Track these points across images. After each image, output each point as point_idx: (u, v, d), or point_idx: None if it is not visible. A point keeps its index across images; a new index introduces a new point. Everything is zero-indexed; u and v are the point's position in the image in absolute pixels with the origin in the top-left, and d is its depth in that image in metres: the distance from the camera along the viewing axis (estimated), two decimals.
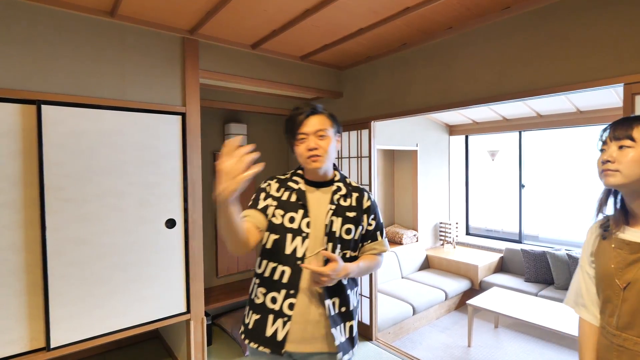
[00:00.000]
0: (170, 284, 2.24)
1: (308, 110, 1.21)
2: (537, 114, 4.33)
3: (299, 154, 1.21)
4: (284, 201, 1.23)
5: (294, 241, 1.18)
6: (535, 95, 2.00)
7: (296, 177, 1.29)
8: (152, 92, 2.19)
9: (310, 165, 1.20)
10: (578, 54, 1.84)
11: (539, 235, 4.80)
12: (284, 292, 1.16)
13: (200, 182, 2.35)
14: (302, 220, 1.19)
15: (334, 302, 1.19)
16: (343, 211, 1.22)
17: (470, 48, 2.27)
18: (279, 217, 1.21)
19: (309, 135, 1.19)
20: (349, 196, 1.26)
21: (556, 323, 2.89)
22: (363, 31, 2.33)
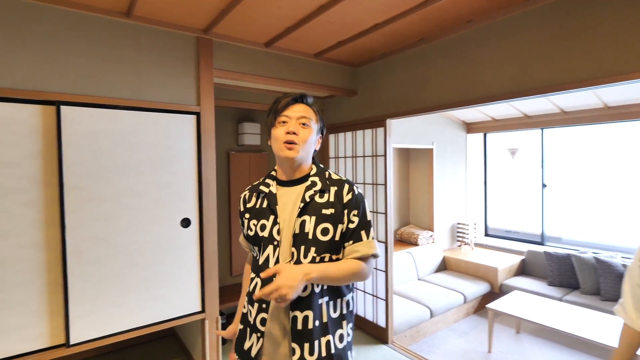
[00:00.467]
0: (185, 283, 2.25)
1: (297, 95, 1.14)
2: (561, 110, 4.17)
3: (275, 137, 1.11)
4: (256, 209, 1.15)
5: (266, 250, 1.09)
6: (561, 91, 1.91)
7: (268, 179, 1.19)
8: (167, 92, 2.21)
9: (283, 153, 1.08)
10: (607, 46, 1.74)
11: (562, 237, 4.62)
12: (257, 306, 1.08)
13: (214, 181, 2.35)
14: (273, 227, 1.09)
15: (306, 316, 1.03)
16: (318, 209, 1.07)
17: (492, 42, 2.19)
18: (252, 227, 1.14)
19: (291, 119, 1.10)
20: (327, 191, 1.10)
21: (583, 330, 2.75)
22: (379, 27, 2.28)
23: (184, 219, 2.25)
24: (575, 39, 1.84)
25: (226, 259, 3.46)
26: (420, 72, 2.63)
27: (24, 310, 1.79)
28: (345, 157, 3.42)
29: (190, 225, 2.27)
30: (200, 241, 2.31)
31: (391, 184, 2.98)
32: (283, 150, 1.08)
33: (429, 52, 2.57)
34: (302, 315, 1.02)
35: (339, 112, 3.45)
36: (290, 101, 1.11)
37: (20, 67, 1.78)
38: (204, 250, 2.31)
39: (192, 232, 2.28)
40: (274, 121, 1.12)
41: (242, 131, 3.50)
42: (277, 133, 1.10)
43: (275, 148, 1.11)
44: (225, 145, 3.49)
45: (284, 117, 1.10)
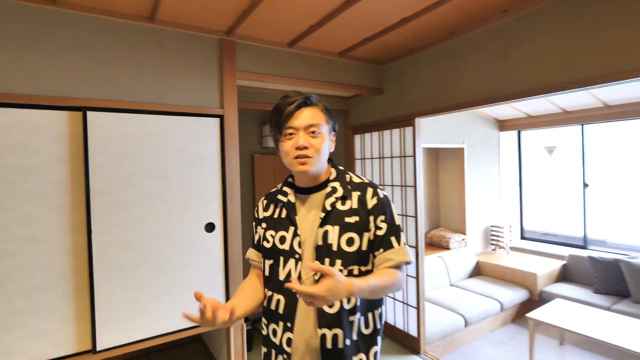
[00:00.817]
0: (209, 288, 2.21)
1: (300, 100, 0.99)
2: (604, 104, 3.87)
3: (285, 152, 1.01)
4: (274, 219, 1.07)
5: (287, 264, 1.01)
6: (613, 81, 1.72)
7: (286, 187, 1.10)
8: (190, 95, 2.18)
9: (296, 168, 1.00)
10: None
11: (606, 240, 4.29)
12: (281, 325, 1.00)
13: (238, 184, 2.31)
14: (294, 239, 1.01)
15: (335, 334, 0.95)
16: (341, 217, 0.99)
17: (530, 31, 2.02)
18: (270, 239, 1.06)
19: (299, 130, 0.98)
20: (349, 197, 1.02)
21: (634, 343, 2.50)
22: (406, 21, 2.17)
23: (208, 223, 2.21)
24: (629, 24, 1.66)
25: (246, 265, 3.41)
26: (451, 68, 2.49)
27: (51, 316, 1.80)
28: (372, 158, 3.31)
29: (214, 229, 2.23)
30: (225, 246, 2.27)
31: (421, 186, 2.84)
32: (295, 166, 0.99)
33: (460, 46, 2.42)
34: (330, 333, 0.95)
35: (365, 112, 3.34)
36: (294, 109, 0.99)
37: (48, 74, 1.80)
38: (228, 255, 2.27)
39: (216, 237, 2.24)
40: (279, 135, 1.02)
41: (266, 133, 3.47)
42: (286, 148, 1.00)
43: (286, 163, 1.02)
44: (249, 148, 3.46)
45: (290, 129, 0.99)
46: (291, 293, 0.98)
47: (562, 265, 4.14)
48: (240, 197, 2.35)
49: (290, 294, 0.98)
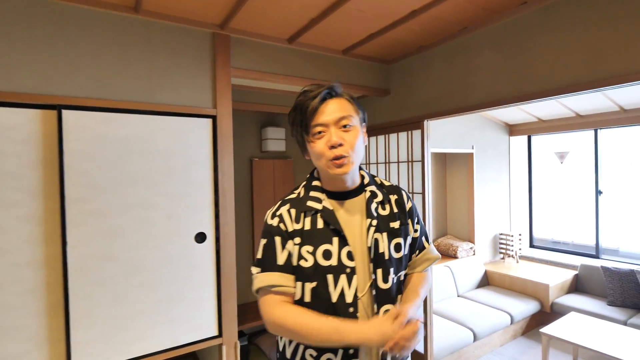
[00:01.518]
0: (199, 304, 2.03)
1: (323, 91, 0.87)
2: (620, 107, 3.68)
3: (317, 154, 0.88)
4: (309, 232, 0.89)
5: (338, 283, 0.86)
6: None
7: (314, 191, 0.94)
8: (180, 94, 2.01)
9: (334, 171, 0.87)
10: None
11: (619, 248, 4.10)
12: (341, 353, 0.86)
13: (232, 191, 2.13)
14: (342, 252, 0.87)
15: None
16: (386, 223, 0.93)
17: (552, 25, 1.84)
18: (308, 256, 0.87)
19: (329, 126, 0.86)
20: (387, 201, 0.96)
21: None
22: (416, 14, 1.99)
23: (198, 233, 2.03)
24: None
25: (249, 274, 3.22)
26: (464, 67, 2.31)
27: (20, 336, 1.62)
28: (378, 163, 3.12)
29: (205, 240, 2.05)
30: (217, 258, 2.09)
31: (429, 193, 2.65)
32: (332, 169, 0.87)
33: (473, 43, 2.24)
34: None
35: (370, 114, 3.16)
36: (319, 102, 0.86)
37: (19, 68, 1.62)
38: (221, 267, 2.08)
39: (207, 248, 2.06)
40: (306, 135, 0.89)
41: (266, 136, 3.29)
42: (318, 149, 0.87)
43: (320, 165, 0.90)
44: (247, 152, 3.29)
45: (319, 127, 0.87)
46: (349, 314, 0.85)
47: (574, 276, 3.95)
48: (235, 204, 2.16)
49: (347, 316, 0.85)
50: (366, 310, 0.88)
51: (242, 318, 2.83)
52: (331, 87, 0.90)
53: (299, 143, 0.94)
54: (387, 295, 0.89)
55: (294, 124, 0.92)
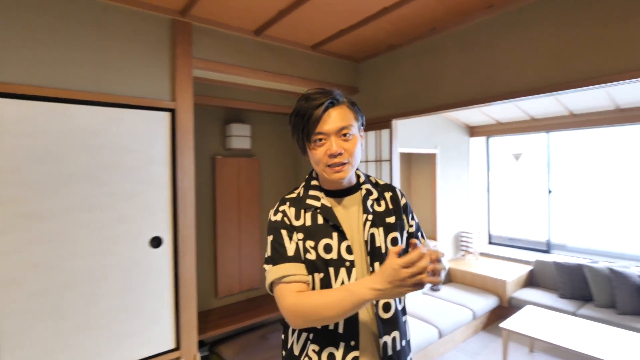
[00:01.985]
0: (155, 315, 1.86)
1: (326, 101, 0.91)
2: (570, 112, 3.91)
3: (316, 160, 0.93)
4: (309, 227, 0.94)
5: (339, 275, 0.91)
6: (608, 83, 1.60)
7: (313, 190, 0.99)
8: (134, 84, 1.83)
9: (331, 177, 0.93)
10: None
11: (567, 244, 4.38)
12: (342, 346, 0.90)
13: (192, 191, 1.97)
14: (341, 246, 0.92)
15: (394, 338, 0.95)
16: (382, 218, 0.98)
17: (518, 28, 1.88)
18: (311, 250, 0.92)
19: (330, 135, 0.91)
20: (382, 198, 1.01)
21: (600, 349, 2.50)
22: (387, 11, 1.95)
23: (154, 237, 1.86)
24: (625, 23, 1.54)
25: (210, 279, 3.06)
26: (432, 67, 2.31)
27: None
28: None
29: (162, 244, 1.88)
30: (175, 264, 1.93)
31: None
32: (330, 174, 0.93)
33: (442, 43, 2.25)
34: (390, 338, 0.94)
35: None
36: (322, 113, 0.90)
37: None
38: (179, 274, 1.93)
39: (164, 253, 1.89)
40: (307, 141, 0.94)
41: (230, 133, 3.13)
42: (318, 155, 0.93)
43: (318, 170, 0.96)
44: (210, 150, 3.11)
45: (320, 136, 0.91)
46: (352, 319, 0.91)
47: (529, 271, 4.15)
48: (195, 205, 2.01)
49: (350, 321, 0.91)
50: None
51: (202, 327, 2.67)
52: (333, 96, 0.93)
53: (300, 146, 0.98)
54: None
55: (295, 128, 0.95)
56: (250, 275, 3.29)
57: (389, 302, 0.94)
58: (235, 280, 3.19)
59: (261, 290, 3.42)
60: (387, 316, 0.94)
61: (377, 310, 0.92)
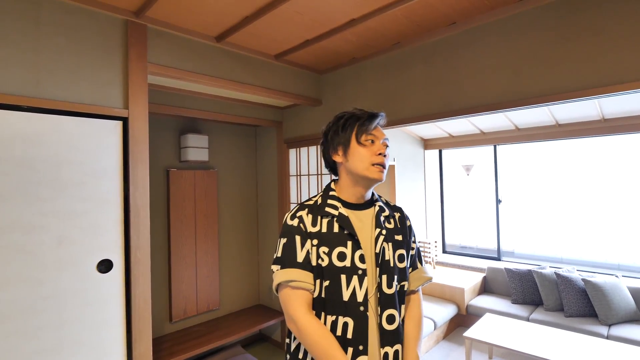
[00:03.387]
0: (103, 350, 1.63)
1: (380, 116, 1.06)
2: (515, 126, 4.21)
3: (361, 157, 1.00)
4: (325, 234, 0.99)
5: (351, 283, 0.95)
6: (560, 100, 1.71)
7: (331, 200, 1.04)
8: (79, 89, 1.63)
9: (373, 175, 1.00)
10: (613, 51, 1.57)
11: (514, 251, 4.66)
12: (350, 351, 0.93)
13: (147, 208, 1.79)
14: (355, 255, 0.97)
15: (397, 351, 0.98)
16: (391, 235, 1.05)
17: (478, 46, 1.96)
18: (324, 257, 0.97)
19: (378, 139, 1.03)
20: (392, 217, 1.09)
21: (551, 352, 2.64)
22: (355, 22, 1.95)
23: (102, 261, 1.65)
24: (575, 44, 1.66)
25: (164, 303, 2.80)
26: (396, 81, 2.35)
27: None
28: (309, 175, 3.01)
29: (112, 269, 1.67)
30: (127, 290, 1.72)
31: None
32: (372, 172, 1.00)
33: (406, 58, 2.29)
34: (393, 350, 0.97)
35: (301, 124, 3.05)
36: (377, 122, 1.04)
37: None
38: (132, 301, 1.72)
39: (114, 279, 1.68)
40: (358, 137, 1.02)
41: (186, 144, 2.94)
42: (364, 153, 1.01)
43: (359, 167, 1.01)
44: (163, 162, 2.89)
45: (372, 137, 1.02)
46: (359, 313, 0.94)
47: (483, 278, 4.33)
48: (149, 224, 1.82)
49: (358, 314, 0.94)
50: (374, 312, 0.96)
51: (157, 355, 2.42)
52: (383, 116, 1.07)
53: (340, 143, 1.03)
54: (390, 300, 0.98)
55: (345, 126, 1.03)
56: (208, 296, 3.07)
57: (393, 315, 0.97)
58: (191, 303, 2.95)
59: (221, 312, 3.21)
60: (391, 328, 0.96)
61: (380, 320, 0.96)
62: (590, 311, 3.37)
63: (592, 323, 3.24)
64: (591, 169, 4.12)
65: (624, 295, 3.26)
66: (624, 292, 3.27)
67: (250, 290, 3.49)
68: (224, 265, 3.27)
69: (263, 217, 3.53)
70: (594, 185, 4.10)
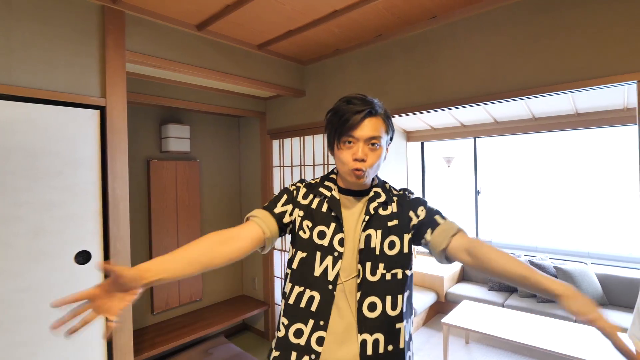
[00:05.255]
0: (84, 343, 1.62)
1: (366, 109, 0.95)
2: (494, 120, 4.31)
3: (342, 161, 0.98)
4: (313, 210, 1.02)
5: (324, 261, 0.97)
6: (534, 94, 1.77)
7: (328, 182, 1.06)
8: (54, 77, 1.58)
9: (351, 179, 0.98)
10: (585, 47, 1.63)
11: (492, 240, 4.82)
12: (311, 323, 0.95)
13: (127, 198, 1.77)
14: (335, 236, 0.98)
15: (377, 339, 0.94)
16: (383, 222, 1.01)
17: (459, 40, 2.00)
18: (306, 230, 1.00)
19: (359, 141, 0.95)
20: (390, 203, 1.04)
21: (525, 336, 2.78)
22: (338, 14, 1.95)
23: (80, 252, 1.62)
24: (549, 40, 1.71)
25: (146, 295, 2.78)
26: (378, 73, 2.37)
27: None
28: (292, 166, 3.02)
29: (90, 260, 1.65)
30: None
31: None
32: (351, 177, 0.98)
33: (388, 50, 2.31)
34: (372, 338, 0.93)
35: (285, 115, 3.05)
36: (359, 120, 0.95)
37: None
38: None
39: (93, 270, 1.66)
40: (337, 141, 0.98)
41: (167, 134, 2.89)
42: (344, 157, 0.97)
43: (341, 170, 1.01)
44: (144, 152, 2.84)
45: (350, 138, 0.96)
46: (327, 290, 0.95)
47: (461, 267, 4.47)
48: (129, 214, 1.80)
49: (326, 291, 0.95)
50: (347, 296, 0.96)
51: (137, 347, 2.41)
52: (373, 106, 0.96)
53: (329, 143, 1.02)
54: (373, 287, 0.96)
55: (329, 125, 1.00)
56: (191, 287, 3.07)
57: (375, 303, 0.95)
58: (174, 294, 2.94)
59: (204, 302, 3.21)
60: (372, 315, 0.94)
61: (360, 307, 0.94)
62: None
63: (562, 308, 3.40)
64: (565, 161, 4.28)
65: (592, 281, 3.43)
66: (592, 278, 3.44)
67: (233, 280, 3.49)
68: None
69: (246, 209, 3.52)
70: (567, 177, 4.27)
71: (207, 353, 2.85)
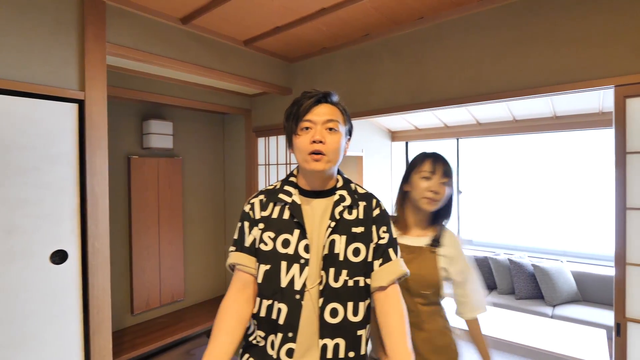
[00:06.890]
0: (58, 344, 1.56)
1: (320, 94, 0.97)
2: (477, 121, 4.40)
3: (299, 147, 0.95)
4: (274, 220, 0.98)
5: (290, 270, 0.94)
6: (515, 97, 1.81)
7: (288, 186, 1.02)
8: (30, 68, 1.51)
9: (310, 165, 0.94)
10: (564, 52, 1.68)
11: (472, 239, 4.93)
12: (280, 336, 0.93)
13: (106, 196, 1.71)
14: (299, 243, 0.95)
15: (337, 344, 0.93)
16: (348, 227, 0.98)
17: (445, 42, 2.02)
18: (269, 241, 0.96)
19: (316, 125, 0.94)
20: (355, 207, 1.01)
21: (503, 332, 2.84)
22: (325, 12, 1.94)
23: (56, 251, 1.56)
24: (530, 44, 1.75)
25: (125, 295, 2.71)
26: (366, 72, 2.37)
27: None
28: (278, 164, 2.99)
29: (67, 259, 1.59)
30: (84, 281, 1.64)
31: None
32: (309, 163, 0.94)
33: (375, 50, 2.32)
34: (332, 343, 0.93)
35: (271, 113, 3.02)
36: (313, 102, 0.96)
37: None
38: (89, 293, 1.65)
39: (69, 270, 1.60)
40: (295, 127, 0.97)
41: (148, 131, 2.82)
42: (301, 142, 0.95)
43: (299, 159, 0.98)
44: (124, 149, 2.76)
45: (307, 123, 0.95)
46: (294, 301, 0.92)
47: None
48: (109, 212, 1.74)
49: (293, 302, 0.92)
50: (313, 303, 0.94)
51: (116, 349, 2.34)
52: (328, 93, 0.97)
53: (288, 135, 1.00)
54: (335, 294, 0.94)
55: (288, 118, 0.98)
56: (172, 286, 3.00)
57: (336, 309, 0.93)
58: (155, 294, 2.87)
59: (186, 302, 3.15)
60: (333, 321, 0.93)
61: (321, 313, 0.93)
62: (538, 293, 3.64)
63: (539, 304, 3.50)
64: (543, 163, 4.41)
65: (567, 279, 3.54)
66: (567, 276, 3.56)
67: (216, 280, 3.44)
68: (189, 255, 3.20)
69: (230, 207, 3.47)
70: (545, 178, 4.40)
71: (189, 354, 2.79)
